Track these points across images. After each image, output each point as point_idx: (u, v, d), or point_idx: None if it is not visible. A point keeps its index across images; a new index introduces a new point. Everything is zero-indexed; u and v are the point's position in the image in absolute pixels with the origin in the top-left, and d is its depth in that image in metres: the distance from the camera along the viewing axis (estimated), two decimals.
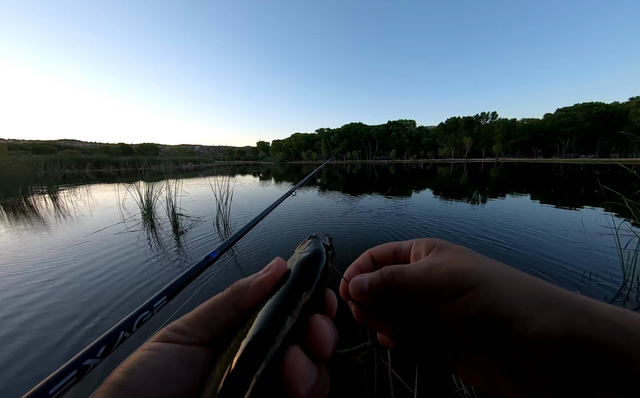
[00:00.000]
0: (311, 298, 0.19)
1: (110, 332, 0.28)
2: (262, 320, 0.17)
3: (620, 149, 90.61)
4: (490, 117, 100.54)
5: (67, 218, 5.48)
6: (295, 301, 0.18)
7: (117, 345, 0.27)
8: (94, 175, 25.95)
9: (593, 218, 4.44)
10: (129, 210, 5.55)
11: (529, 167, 27.76)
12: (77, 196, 8.81)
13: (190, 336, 0.17)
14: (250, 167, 53.81)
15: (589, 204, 5.76)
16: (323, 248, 0.24)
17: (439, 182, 12.40)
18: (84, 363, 0.24)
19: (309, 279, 0.20)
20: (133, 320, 0.30)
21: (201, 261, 0.44)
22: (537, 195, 7.30)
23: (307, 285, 0.19)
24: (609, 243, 2.99)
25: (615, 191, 2.39)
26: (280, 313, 0.17)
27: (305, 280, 0.20)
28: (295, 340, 0.16)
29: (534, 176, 14.59)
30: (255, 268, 2.71)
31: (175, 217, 4.44)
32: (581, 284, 2.27)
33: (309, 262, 0.22)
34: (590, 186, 8.85)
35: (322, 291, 0.21)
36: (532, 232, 3.77)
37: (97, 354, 0.25)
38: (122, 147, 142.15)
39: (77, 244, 3.66)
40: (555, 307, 0.17)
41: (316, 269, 0.21)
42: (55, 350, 1.59)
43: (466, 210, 5.50)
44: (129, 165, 10.39)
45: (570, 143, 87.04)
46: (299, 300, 0.18)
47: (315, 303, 0.19)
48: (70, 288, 2.38)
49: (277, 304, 0.18)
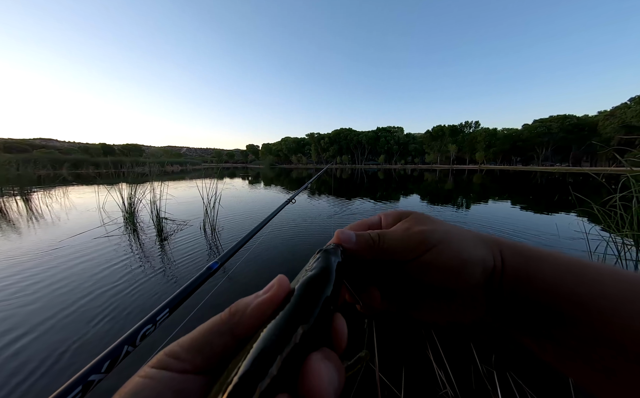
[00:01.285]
0: (310, 331, 0.15)
1: (114, 347, 0.27)
2: (248, 361, 0.14)
3: (590, 158, 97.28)
4: (473, 126, 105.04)
5: (40, 222, 5.15)
6: (288, 337, 0.15)
7: (121, 360, 0.27)
8: (72, 177, 24.61)
9: (567, 224, 4.72)
10: (110, 213, 5.31)
11: (509, 174, 29.15)
12: (52, 198, 8.31)
13: (185, 363, 0.16)
14: (239, 170, 52.95)
15: (563, 210, 6.13)
16: (332, 267, 0.21)
17: (426, 187, 12.76)
18: (89, 379, 0.24)
19: (308, 308, 0.17)
20: (136, 334, 0.29)
21: (202, 272, 0.44)
22: (517, 201, 7.68)
23: (305, 317, 0.16)
24: (581, 247, 3.19)
25: (585, 198, 2.56)
26: (267, 354, 0.14)
27: (304, 310, 0.17)
28: (284, 386, 0.13)
29: (514, 183, 15.33)
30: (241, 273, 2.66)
31: (160, 220, 4.28)
32: None
33: (311, 285, 0.19)
34: (564, 193, 9.42)
35: (326, 319, 0.17)
36: (511, 236, 3.95)
37: (101, 369, 0.25)
38: (104, 148, 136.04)
39: (51, 249, 3.44)
40: (492, 246, 0.25)
41: (319, 295, 0.18)
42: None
43: (450, 214, 5.68)
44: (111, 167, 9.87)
45: (546, 152, 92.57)
46: (293, 335, 0.15)
47: (315, 336, 0.16)
48: (36, 304, 2.23)
49: (266, 340, 0.15)
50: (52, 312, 2.01)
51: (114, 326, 1.83)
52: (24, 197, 7.75)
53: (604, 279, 0.19)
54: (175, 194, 8.63)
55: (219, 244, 3.67)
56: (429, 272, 0.24)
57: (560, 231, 4.14)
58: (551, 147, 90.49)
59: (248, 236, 0.59)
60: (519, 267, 0.23)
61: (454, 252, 0.24)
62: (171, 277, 2.58)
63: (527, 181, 16.79)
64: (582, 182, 15.21)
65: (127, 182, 5.05)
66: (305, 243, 3.65)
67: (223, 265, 0.48)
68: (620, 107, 71.54)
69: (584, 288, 0.19)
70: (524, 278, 0.22)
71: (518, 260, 0.23)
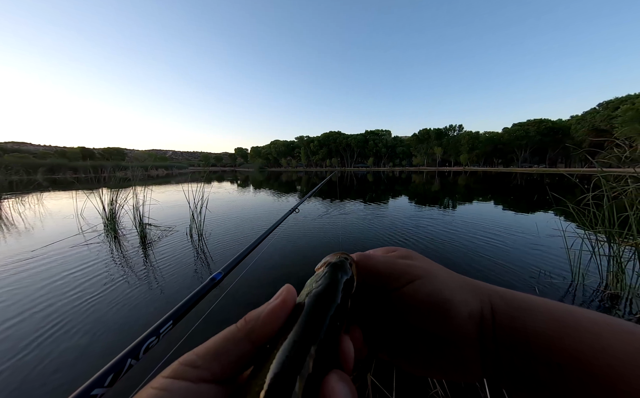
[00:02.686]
0: (318, 351, 0.16)
1: (117, 360, 0.27)
2: (269, 385, 0.14)
3: (565, 160, 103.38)
4: (457, 129, 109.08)
5: (10, 230, 4.81)
6: (303, 357, 0.15)
7: (124, 373, 0.27)
8: (48, 182, 23.23)
9: (545, 222, 4.97)
10: (89, 220, 5.05)
11: (491, 175, 30.41)
12: (25, 205, 7.79)
13: (202, 370, 0.16)
14: (228, 173, 52.03)
15: (542, 209, 6.45)
16: (338, 282, 0.21)
17: (414, 188, 13.06)
18: (91, 393, 0.24)
19: (316, 328, 0.17)
20: (139, 346, 0.29)
21: (206, 283, 0.44)
22: (500, 201, 8.01)
23: (314, 337, 0.17)
24: (559, 244, 3.36)
25: (561, 198, 2.71)
26: (287, 374, 0.15)
27: (312, 329, 0.17)
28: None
29: (496, 184, 16.00)
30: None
31: (143, 227, 4.11)
32: (538, 282, 2.51)
33: (318, 302, 0.19)
34: (542, 193, 9.92)
35: (333, 339, 0.18)
36: (494, 234, 4.11)
37: (104, 383, 0.25)
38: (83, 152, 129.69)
39: (21, 261, 3.21)
40: (480, 293, 0.24)
41: (326, 313, 0.18)
42: None
43: (437, 214, 5.83)
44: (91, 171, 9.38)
45: (525, 154, 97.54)
46: (307, 356, 0.15)
47: (325, 355, 0.16)
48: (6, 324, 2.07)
49: (284, 360, 0.15)
50: (15, 341, 1.87)
51: (95, 349, 1.72)
52: None
53: (603, 332, 0.19)
54: (160, 199, 8.33)
55: (206, 250, 3.57)
56: (411, 307, 0.24)
57: (539, 229, 4.34)
58: (529, 149, 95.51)
59: (252, 246, 0.59)
60: (513, 319, 0.21)
61: (435, 288, 0.24)
62: (156, 285, 2.47)
63: (508, 182, 17.57)
64: (558, 182, 16.10)
65: (108, 187, 4.82)
66: (303, 246, 3.62)
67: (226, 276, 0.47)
68: (590, 112, 76.75)
69: (585, 345, 0.19)
70: (521, 333, 0.21)
71: (511, 311, 0.22)
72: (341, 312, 0.19)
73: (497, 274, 2.69)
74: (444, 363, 0.23)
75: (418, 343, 0.25)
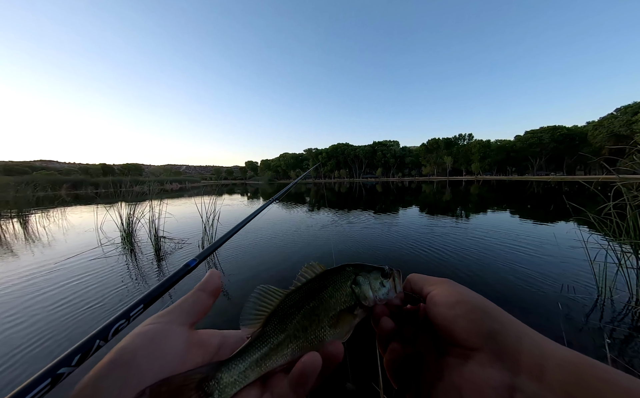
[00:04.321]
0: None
1: (86, 340, 0.27)
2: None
3: (584, 167, 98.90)
4: (467, 138, 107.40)
5: (37, 244, 5.08)
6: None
7: (92, 353, 0.27)
8: (71, 197, 24.53)
9: (564, 232, 4.73)
10: (108, 233, 5.26)
11: (505, 184, 29.47)
12: (50, 220, 8.25)
13: (172, 319, 0.25)
14: (238, 186, 53.19)
15: (560, 219, 6.16)
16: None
17: (425, 198, 12.83)
18: (58, 372, 0.24)
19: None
20: (109, 328, 0.29)
21: (180, 269, 0.43)
22: (516, 211, 7.72)
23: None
24: (581, 255, 3.19)
25: (580, 207, 2.59)
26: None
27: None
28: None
29: (511, 192, 15.47)
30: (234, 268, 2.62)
31: (158, 239, 4.25)
32: (561, 296, 2.37)
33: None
34: (561, 202, 9.50)
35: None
36: (511, 246, 3.95)
37: (71, 362, 0.25)
38: (103, 168, 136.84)
39: (46, 273, 3.38)
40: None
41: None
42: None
43: (450, 225, 5.68)
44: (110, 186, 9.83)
45: (540, 162, 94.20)
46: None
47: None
48: (30, 328, 2.17)
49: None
50: (45, 336, 1.95)
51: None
52: (21, 220, 7.69)
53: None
54: (174, 212, 8.59)
55: (217, 263, 3.63)
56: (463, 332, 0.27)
57: (559, 240, 4.14)
58: (544, 157, 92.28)
59: (228, 235, 0.59)
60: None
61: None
62: (168, 299, 2.52)
63: (524, 190, 16.95)
64: (578, 190, 15.39)
65: (126, 201, 5.05)
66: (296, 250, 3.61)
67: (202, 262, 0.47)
68: (608, 118, 73.83)
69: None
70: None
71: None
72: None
73: (518, 290, 2.55)
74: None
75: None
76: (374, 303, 0.33)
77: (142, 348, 0.22)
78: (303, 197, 16.57)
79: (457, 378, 0.26)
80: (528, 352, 0.23)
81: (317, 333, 0.30)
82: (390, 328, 0.32)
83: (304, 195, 18.27)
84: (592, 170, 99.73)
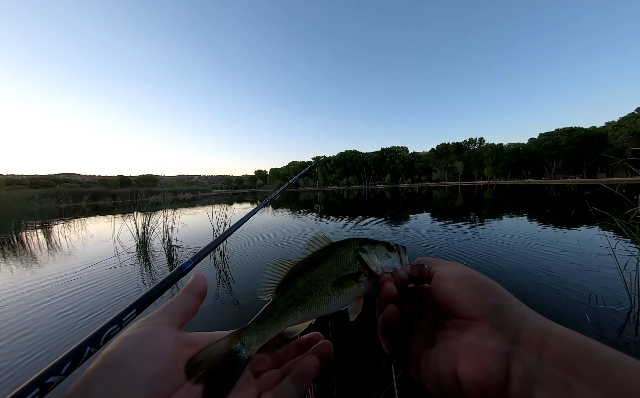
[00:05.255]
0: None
1: (76, 348, 0.25)
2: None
3: (606, 169, 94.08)
4: (478, 143, 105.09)
5: (58, 253, 5.32)
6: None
7: (82, 361, 0.25)
8: (90, 208, 25.73)
9: (588, 238, 4.47)
10: (124, 242, 5.44)
11: (521, 188, 28.40)
12: (71, 230, 8.65)
13: (155, 319, 0.25)
14: (248, 195, 54.07)
15: (583, 224, 5.83)
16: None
17: (436, 204, 12.54)
18: (47, 381, 0.22)
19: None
20: (100, 334, 0.27)
21: (174, 272, 0.41)
22: (534, 216, 7.39)
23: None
24: (609, 263, 2.98)
25: (604, 212, 2.44)
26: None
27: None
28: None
29: (527, 197, 14.88)
30: (241, 270, 2.61)
31: (171, 249, 4.35)
32: (589, 308, 2.22)
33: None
34: (581, 206, 9.03)
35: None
36: (532, 253, 3.76)
37: (61, 371, 0.24)
38: (121, 180, 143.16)
39: (65, 281, 3.51)
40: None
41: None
42: None
43: (464, 231, 5.49)
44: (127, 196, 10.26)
45: (557, 165, 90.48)
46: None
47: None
48: (48, 333, 2.24)
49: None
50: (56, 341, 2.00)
51: None
52: (44, 230, 8.11)
53: None
54: (186, 221, 8.80)
55: (228, 271, 3.66)
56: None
57: (583, 247, 3.91)
58: (562, 159, 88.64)
59: (223, 236, 0.57)
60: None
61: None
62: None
63: (541, 195, 16.26)
64: (601, 193, 14.60)
65: (142, 211, 5.23)
66: None
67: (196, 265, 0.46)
68: (628, 117, 70.51)
69: None
70: None
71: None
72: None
73: (542, 300, 2.41)
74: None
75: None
76: (381, 271, 0.35)
77: (133, 349, 0.22)
78: (311, 204, 16.62)
79: (452, 345, 0.26)
80: (530, 328, 0.22)
81: (322, 297, 0.33)
82: (392, 293, 0.32)
83: (312, 202, 18.31)
84: (614, 172, 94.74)
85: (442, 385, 0.25)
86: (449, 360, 0.25)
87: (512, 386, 0.20)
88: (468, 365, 0.23)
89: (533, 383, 0.20)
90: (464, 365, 0.23)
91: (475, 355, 0.23)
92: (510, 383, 0.20)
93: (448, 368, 0.25)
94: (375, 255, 0.36)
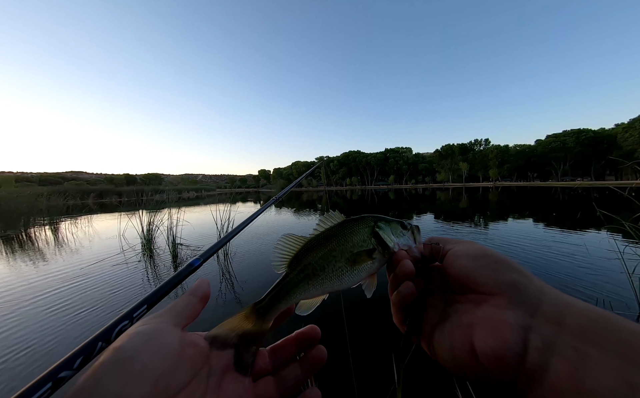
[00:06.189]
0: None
1: (88, 343, 0.26)
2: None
3: (615, 172, 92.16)
4: (483, 144, 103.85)
5: (65, 250, 5.42)
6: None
7: (94, 356, 0.25)
8: (97, 206, 26.15)
9: (596, 242, 4.38)
10: (129, 240, 5.51)
11: (527, 190, 28.00)
12: (77, 227, 8.79)
13: (166, 320, 0.26)
14: (252, 194, 54.36)
15: (591, 227, 5.73)
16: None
17: (440, 206, 12.44)
18: (59, 376, 0.23)
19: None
20: (112, 330, 0.28)
21: (183, 268, 0.41)
22: (540, 219, 7.28)
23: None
24: (617, 267, 2.92)
25: (612, 215, 2.40)
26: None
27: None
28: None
29: (533, 199, 14.67)
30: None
31: (175, 246, 4.39)
32: None
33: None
34: (588, 209, 8.86)
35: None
36: (539, 257, 3.71)
37: (73, 366, 0.24)
38: (127, 178, 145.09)
39: (71, 278, 3.57)
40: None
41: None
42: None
43: (470, 234, 5.44)
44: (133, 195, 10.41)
45: (564, 167, 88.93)
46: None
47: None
48: (54, 330, 2.28)
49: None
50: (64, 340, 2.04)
51: None
52: (52, 227, 8.26)
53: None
54: (190, 220, 8.88)
55: (231, 269, 3.68)
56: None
57: (590, 251, 3.84)
58: (569, 161, 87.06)
59: (231, 234, 0.57)
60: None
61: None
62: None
63: (548, 197, 16.01)
64: (609, 196, 14.30)
65: (147, 209, 5.29)
66: None
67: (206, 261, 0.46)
68: (639, 119, 68.91)
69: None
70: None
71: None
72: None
73: None
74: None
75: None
76: (397, 248, 0.35)
77: (142, 344, 0.22)
78: (315, 204, 16.62)
79: (468, 318, 0.26)
80: (549, 302, 0.23)
81: (335, 272, 0.33)
82: (410, 270, 0.32)
83: (316, 202, 18.32)
84: (623, 174, 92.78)
85: (457, 356, 0.25)
86: (465, 333, 0.26)
87: (529, 356, 0.21)
88: (486, 337, 0.24)
89: (550, 354, 0.20)
90: (482, 336, 0.24)
91: (493, 327, 0.23)
92: (527, 354, 0.21)
93: (464, 341, 0.25)
94: (391, 231, 0.36)
